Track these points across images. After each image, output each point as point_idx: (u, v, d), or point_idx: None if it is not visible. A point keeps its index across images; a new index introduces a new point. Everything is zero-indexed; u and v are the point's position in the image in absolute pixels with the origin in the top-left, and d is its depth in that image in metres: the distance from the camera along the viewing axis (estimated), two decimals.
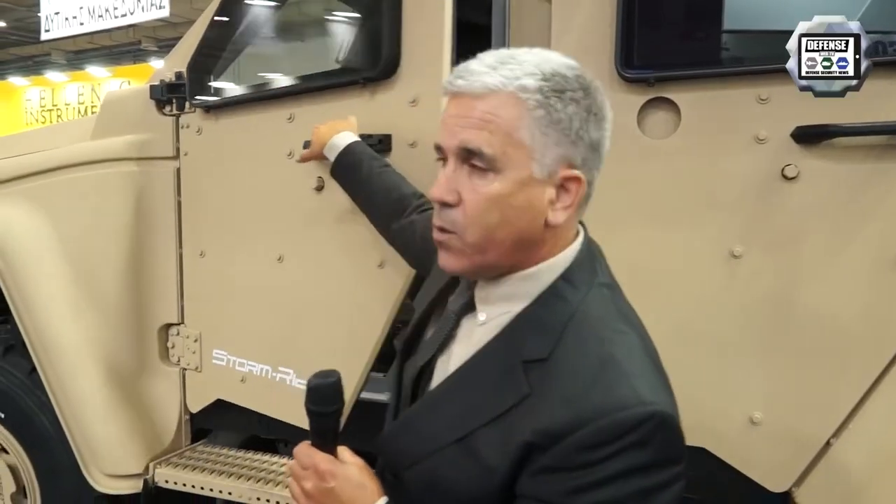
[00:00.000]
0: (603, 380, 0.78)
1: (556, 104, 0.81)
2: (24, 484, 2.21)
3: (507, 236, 0.83)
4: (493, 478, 0.81)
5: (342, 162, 1.55)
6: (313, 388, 0.87)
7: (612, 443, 0.75)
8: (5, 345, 2.21)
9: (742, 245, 1.55)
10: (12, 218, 2.06)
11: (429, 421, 0.90)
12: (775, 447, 1.57)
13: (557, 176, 0.83)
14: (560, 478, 0.76)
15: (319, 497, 0.86)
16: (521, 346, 0.84)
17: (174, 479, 2.01)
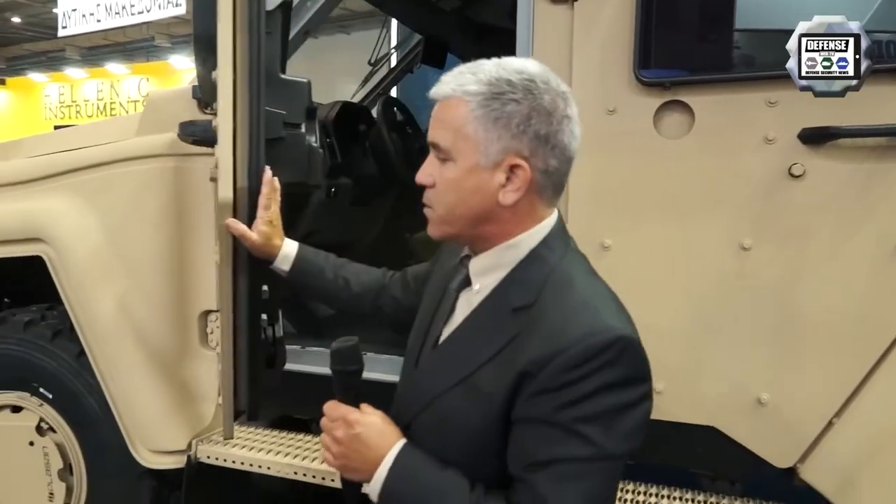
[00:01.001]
0: (578, 317, 0.95)
1: (493, 105, 0.98)
2: (71, 461, 2.32)
3: (464, 212, 1.02)
4: (493, 406, 0.97)
5: (302, 269, 1.52)
6: (336, 350, 1.03)
7: (588, 363, 0.91)
8: (53, 330, 2.31)
9: (751, 238, 1.66)
10: (63, 210, 2.17)
11: (436, 370, 1.08)
12: (781, 426, 1.68)
13: (505, 164, 0.99)
14: (548, 398, 0.92)
15: (348, 442, 1.00)
16: (510, 298, 1.01)
17: (216, 456, 2.13)
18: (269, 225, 1.50)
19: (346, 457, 1.02)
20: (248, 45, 1.47)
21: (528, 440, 0.95)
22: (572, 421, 0.91)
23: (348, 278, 1.49)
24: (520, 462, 0.95)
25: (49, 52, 17.46)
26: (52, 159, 2.29)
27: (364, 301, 1.49)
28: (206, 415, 2.24)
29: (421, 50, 3.39)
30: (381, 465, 1.00)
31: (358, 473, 1.02)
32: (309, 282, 1.51)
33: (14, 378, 2.34)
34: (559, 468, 0.92)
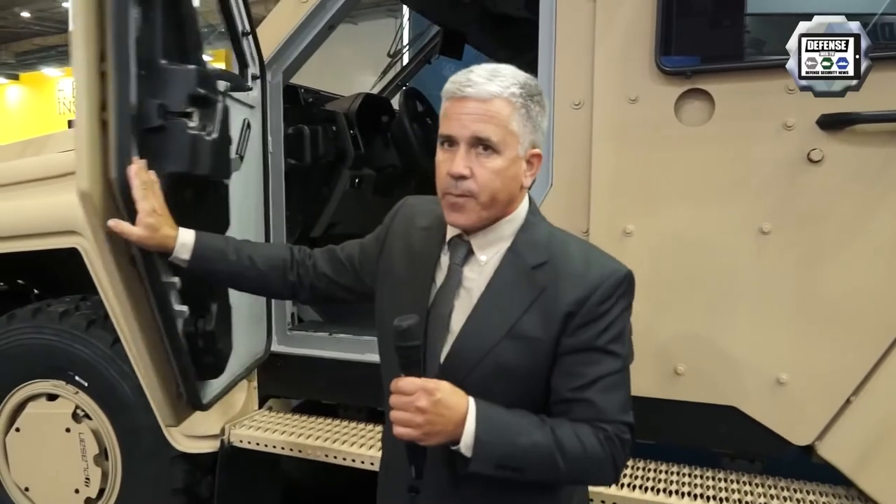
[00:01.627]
0: (592, 262, 1.17)
1: (530, 104, 1.14)
2: (106, 447, 2.39)
3: (504, 196, 1.16)
4: (542, 347, 1.14)
5: (202, 255, 1.47)
6: (406, 328, 1.09)
7: (614, 294, 1.14)
8: (88, 319, 2.37)
9: (770, 222, 1.70)
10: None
11: (479, 329, 1.18)
12: (800, 405, 1.73)
13: (528, 154, 1.17)
14: (590, 328, 1.13)
15: (432, 409, 1.07)
16: (525, 260, 1.18)
17: (248, 440, 2.21)
18: (154, 215, 1.45)
19: (430, 423, 1.07)
20: (114, 33, 1.44)
21: (577, 366, 1.13)
22: (607, 342, 1.13)
23: (253, 257, 1.47)
24: (570, 384, 1.13)
25: (58, 46, 17.49)
26: None
27: (272, 278, 1.47)
28: (237, 400, 2.31)
29: (439, 41, 3.43)
30: (467, 421, 1.09)
31: (441, 437, 1.09)
32: (212, 267, 1.47)
33: (50, 367, 2.40)
34: (605, 381, 1.12)
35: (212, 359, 1.84)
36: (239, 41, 1.99)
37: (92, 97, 1.47)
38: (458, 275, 1.22)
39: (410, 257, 1.30)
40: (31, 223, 2.31)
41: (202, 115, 1.59)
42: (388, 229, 1.38)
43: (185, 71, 1.54)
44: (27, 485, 2.50)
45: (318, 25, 2.19)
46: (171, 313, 1.67)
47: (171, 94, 1.52)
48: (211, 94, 1.61)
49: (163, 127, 1.50)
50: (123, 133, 1.45)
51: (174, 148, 1.51)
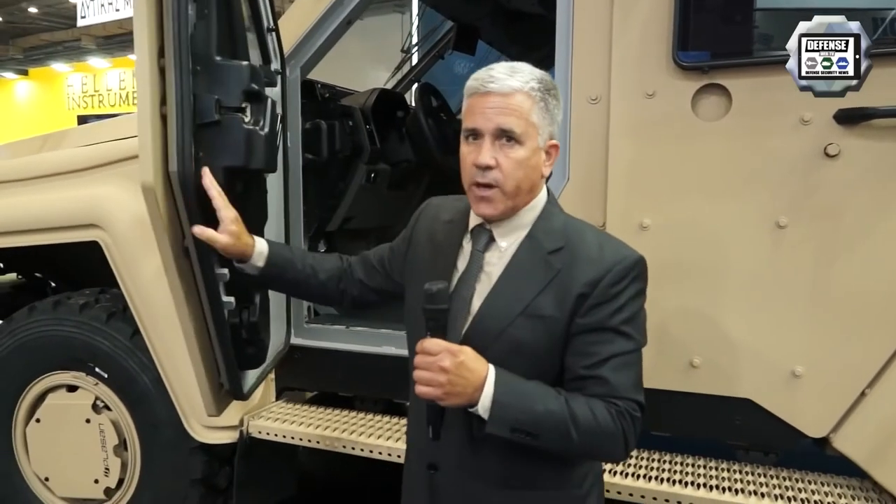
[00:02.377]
0: (606, 247, 1.23)
1: (548, 98, 1.22)
2: (126, 438, 2.43)
3: (527, 185, 1.24)
4: (558, 325, 1.20)
5: (276, 262, 1.52)
6: (435, 291, 1.16)
7: (626, 277, 1.19)
8: (108, 312, 2.40)
9: (787, 216, 1.72)
10: (118, 197, 2.25)
11: (497, 309, 1.24)
12: (815, 397, 1.75)
13: (547, 144, 1.25)
14: (602, 308, 1.19)
15: (455, 369, 1.13)
16: (542, 245, 1.24)
17: (266, 430, 2.23)
18: (237, 223, 1.50)
19: (452, 384, 1.13)
20: (173, 30, 1.48)
21: (589, 345, 1.19)
22: (620, 323, 1.18)
23: (315, 266, 1.54)
24: (584, 362, 1.19)
25: (65, 41, 17.53)
26: (107, 147, 2.37)
27: (329, 287, 1.55)
28: (255, 392, 2.33)
29: (453, 37, 3.44)
30: (487, 384, 1.15)
31: (461, 398, 1.15)
32: (282, 274, 1.53)
33: (70, 358, 2.44)
34: (617, 360, 1.18)
35: (254, 349, 1.89)
36: (264, 36, 2.01)
37: (154, 92, 1.52)
38: (480, 260, 1.28)
39: (435, 249, 1.36)
40: (53, 217, 2.35)
41: (254, 110, 1.62)
42: (414, 228, 1.45)
43: (238, 67, 1.58)
44: (47, 475, 2.53)
45: (336, 21, 2.21)
46: (219, 304, 1.71)
47: (226, 89, 1.56)
48: (261, 89, 1.64)
49: (219, 122, 1.53)
50: (183, 127, 1.50)
51: (231, 142, 1.55)
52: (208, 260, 1.65)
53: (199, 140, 1.54)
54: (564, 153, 1.90)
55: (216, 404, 1.95)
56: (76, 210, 2.30)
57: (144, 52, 1.52)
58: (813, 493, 1.76)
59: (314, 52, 2.27)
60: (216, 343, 1.79)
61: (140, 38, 1.52)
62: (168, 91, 1.52)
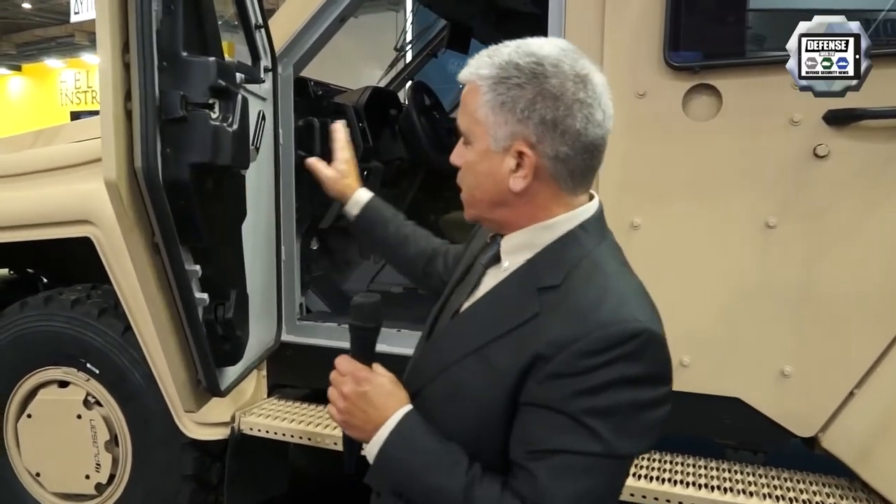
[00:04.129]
0: (605, 303, 0.90)
1: (499, 89, 0.93)
2: (117, 433, 2.43)
3: (481, 195, 1.01)
4: (504, 381, 0.92)
5: (369, 216, 1.51)
6: (358, 305, 1.01)
7: (608, 351, 0.85)
8: (99, 308, 2.40)
9: (776, 216, 1.73)
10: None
11: (452, 337, 1.04)
12: (804, 397, 1.76)
13: (513, 149, 0.94)
14: (562, 383, 0.86)
15: (354, 399, 0.98)
16: (538, 276, 0.96)
17: (258, 427, 2.24)
18: (348, 164, 1.54)
19: (349, 413, 0.99)
20: (137, 25, 1.47)
21: (534, 425, 0.89)
22: (583, 412, 0.85)
23: (409, 237, 1.49)
24: (522, 447, 0.90)
25: (58, 37, 17.46)
26: (98, 143, 2.36)
27: (417, 264, 1.48)
28: (247, 389, 2.34)
29: (446, 35, 3.45)
30: (383, 428, 0.97)
31: (358, 432, 1.00)
32: (372, 229, 1.51)
33: (62, 354, 2.44)
34: (562, 460, 0.87)
35: (230, 346, 1.87)
36: (252, 34, 2.01)
37: (117, 88, 1.50)
38: (479, 275, 1.07)
39: (468, 259, 1.19)
40: (45, 212, 2.34)
41: (223, 106, 1.61)
42: (476, 231, 1.26)
43: (206, 63, 1.56)
44: (38, 470, 2.53)
45: (330, 18, 2.20)
46: (191, 301, 1.69)
47: (192, 85, 1.55)
48: (231, 86, 1.63)
49: (185, 118, 1.52)
50: (148, 123, 1.48)
51: (197, 138, 1.53)
52: (179, 256, 1.64)
53: (165, 136, 1.54)
54: None
55: (194, 400, 1.94)
56: (68, 206, 2.30)
57: (107, 47, 1.49)
58: (801, 493, 1.78)
59: (307, 50, 2.27)
60: (191, 340, 1.78)
61: (103, 33, 1.49)
62: (133, 87, 1.50)
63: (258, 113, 1.98)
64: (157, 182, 1.50)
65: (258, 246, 2.17)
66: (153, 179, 1.49)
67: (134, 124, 1.50)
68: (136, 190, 1.56)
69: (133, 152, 1.51)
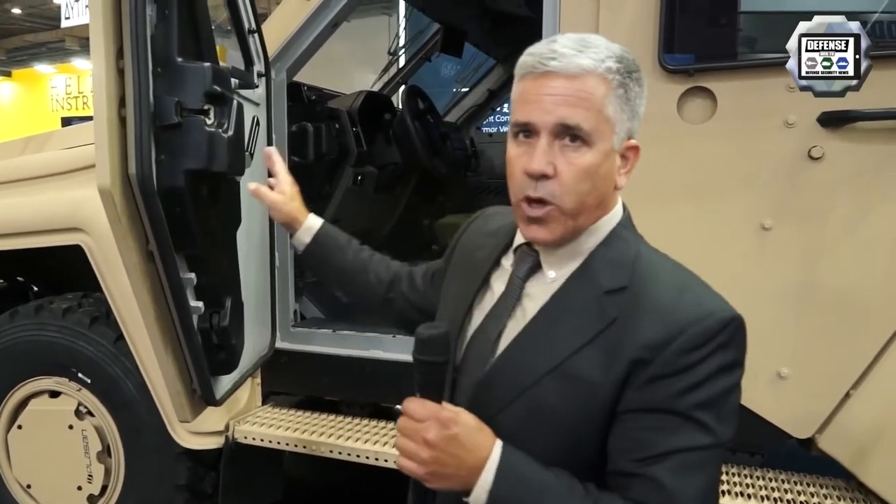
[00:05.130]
0: (686, 296, 0.90)
1: (629, 84, 0.92)
2: (109, 444, 2.40)
3: (593, 201, 0.93)
4: (597, 396, 0.89)
5: (323, 243, 1.41)
6: (427, 338, 0.89)
7: (706, 345, 0.86)
8: (91, 316, 2.37)
9: (772, 219, 1.73)
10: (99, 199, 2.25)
11: (521, 359, 0.95)
12: (800, 398, 1.76)
13: (624, 146, 0.94)
14: (666, 384, 0.86)
15: (444, 445, 0.86)
16: (599, 281, 0.93)
17: (252, 436, 2.22)
18: (292, 187, 1.42)
19: (438, 462, 0.86)
20: (131, 31, 1.45)
21: (643, 431, 0.87)
22: (692, 407, 0.85)
23: (368, 263, 1.39)
24: (633, 455, 0.87)
25: (49, 42, 17.39)
26: (91, 150, 2.33)
27: (377, 291, 1.37)
28: (241, 397, 2.32)
29: (440, 39, 3.45)
30: (486, 470, 0.87)
31: (450, 481, 0.88)
32: (327, 258, 1.40)
33: (53, 364, 2.41)
34: (681, 458, 0.85)
35: (225, 354, 1.86)
36: (245, 39, 2.00)
37: (111, 94, 1.49)
38: (518, 290, 1.00)
39: (470, 265, 1.11)
40: (35, 220, 2.32)
41: (218, 112, 1.60)
42: (459, 239, 1.21)
43: (200, 68, 1.55)
44: (29, 482, 2.50)
45: (322, 23, 2.20)
46: (186, 309, 1.68)
47: (187, 91, 1.53)
48: (226, 91, 1.62)
49: (180, 124, 1.50)
50: (143, 129, 1.47)
51: (192, 145, 1.52)
52: (174, 264, 1.62)
53: (160, 142, 1.52)
54: None
55: (189, 410, 1.92)
56: (59, 214, 2.28)
57: (101, 53, 1.48)
58: (799, 494, 1.77)
59: (300, 55, 2.26)
60: (186, 348, 1.76)
61: (97, 39, 1.47)
62: (127, 93, 1.49)
63: (252, 118, 1.97)
64: (152, 189, 1.49)
65: (252, 252, 2.15)
66: (147, 186, 1.48)
67: (128, 130, 1.49)
68: (131, 197, 1.54)
69: (127, 159, 1.50)
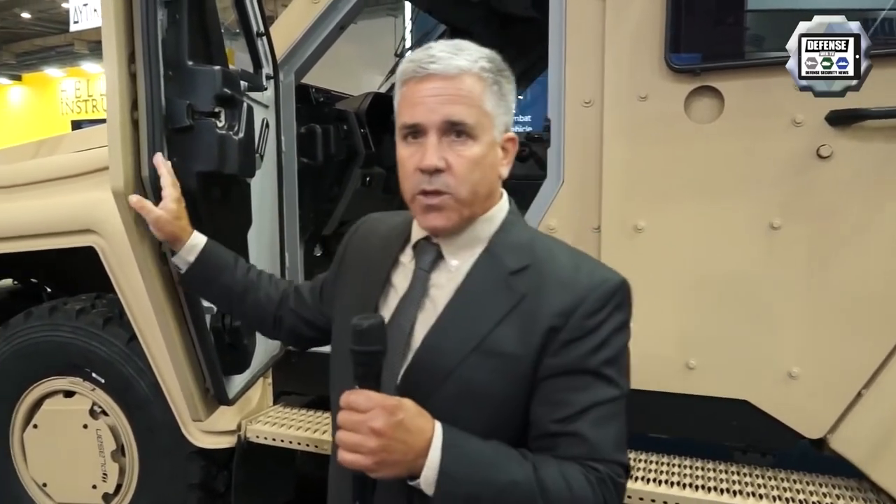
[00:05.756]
0: (581, 269, 1.01)
1: (501, 80, 1.01)
2: (123, 442, 2.42)
3: (483, 189, 1.02)
4: (519, 368, 0.97)
5: (209, 262, 1.40)
6: (365, 328, 0.90)
7: (605, 307, 0.97)
8: (104, 317, 2.40)
9: (781, 218, 1.73)
10: (113, 202, 2.26)
11: (443, 343, 1.00)
12: (812, 398, 1.76)
13: (504, 138, 1.04)
14: (576, 346, 0.96)
15: (391, 432, 0.87)
16: (503, 263, 1.02)
17: (264, 435, 2.24)
18: (178, 203, 1.41)
19: (387, 450, 0.87)
20: (143, 35, 1.47)
21: (560, 393, 0.96)
22: (600, 364, 0.96)
23: (255, 281, 1.38)
24: (554, 415, 0.95)
25: (58, 46, 17.55)
26: (103, 152, 2.35)
27: (266, 309, 1.36)
28: (253, 397, 2.34)
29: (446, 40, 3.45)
30: (432, 449, 0.89)
31: (398, 468, 0.89)
32: (214, 277, 1.38)
33: (67, 364, 2.43)
34: (596, 412, 0.95)
35: (238, 354, 1.87)
36: (253, 41, 2.02)
37: (123, 97, 1.51)
38: (425, 282, 1.05)
39: (367, 268, 1.14)
40: (49, 222, 2.34)
41: (228, 115, 1.61)
42: (346, 247, 1.23)
43: (211, 72, 1.57)
44: (45, 480, 2.53)
45: (330, 26, 2.22)
46: (199, 309, 1.70)
47: (198, 94, 1.55)
48: (237, 94, 1.63)
49: (191, 127, 1.52)
50: (154, 132, 1.48)
51: (203, 147, 1.54)
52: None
53: (172, 145, 1.54)
54: (559, 156, 1.92)
55: (203, 409, 1.94)
56: (72, 215, 2.30)
57: (114, 57, 1.50)
58: (811, 494, 1.77)
59: (308, 57, 2.28)
60: (199, 348, 1.78)
61: (109, 44, 1.49)
62: (139, 96, 1.51)
63: (262, 121, 1.98)
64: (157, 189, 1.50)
65: (262, 253, 2.17)
66: (158, 187, 1.50)
67: (141, 134, 1.51)
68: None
69: (140, 161, 1.52)
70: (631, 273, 1.04)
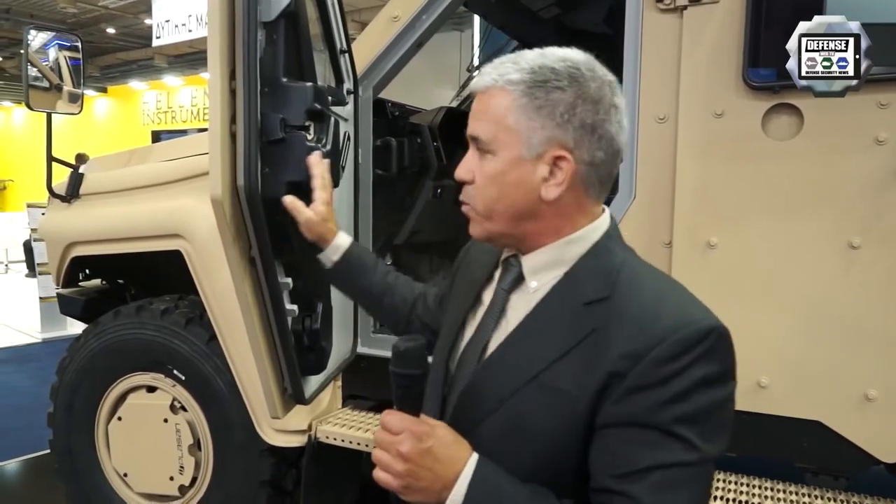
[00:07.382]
0: (665, 306, 0.88)
1: (537, 93, 0.91)
2: (200, 438, 2.54)
3: (505, 208, 0.95)
4: (575, 408, 0.87)
5: (351, 262, 1.43)
6: (403, 351, 0.90)
7: (686, 354, 0.82)
8: (186, 317, 2.53)
9: (860, 237, 1.70)
10: (199, 209, 2.35)
11: (499, 370, 0.95)
12: (888, 421, 1.71)
13: (548, 155, 0.92)
14: (644, 396, 0.83)
15: (417, 458, 0.86)
16: (581, 291, 0.92)
17: (333, 436, 2.31)
18: (328, 206, 1.45)
19: (412, 475, 0.86)
20: (244, 55, 1.56)
21: (623, 445, 0.84)
22: (672, 421, 0.82)
23: (393, 285, 1.41)
24: (611, 471, 0.84)
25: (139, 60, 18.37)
26: (189, 162, 2.50)
27: (401, 313, 1.40)
28: (324, 398, 2.41)
29: None
30: (458, 483, 0.86)
31: (424, 494, 0.87)
32: (354, 277, 1.42)
33: (151, 361, 2.58)
34: (661, 475, 0.82)
35: (315, 356, 1.94)
36: (337, 58, 2.11)
37: (224, 112, 1.61)
38: (503, 301, 1.01)
39: (469, 282, 1.13)
40: (140, 226, 2.49)
41: (317, 128, 1.70)
42: (462, 259, 1.23)
43: (303, 88, 1.65)
44: (126, 471, 2.67)
45: (408, 43, 2.29)
46: (282, 311, 1.77)
47: (291, 109, 1.63)
48: (325, 109, 1.72)
49: (284, 139, 1.61)
50: (251, 144, 1.57)
51: (294, 159, 1.62)
52: (273, 269, 1.72)
53: (265, 156, 1.61)
54: (631, 171, 1.93)
55: (280, 407, 2.02)
56: (162, 221, 2.44)
57: (217, 75, 1.60)
58: None
59: (386, 73, 2.35)
60: (280, 349, 1.86)
61: (213, 63, 1.59)
62: (238, 111, 1.60)
63: (344, 134, 2.07)
64: (257, 199, 1.59)
65: None
66: (253, 196, 1.58)
67: (238, 145, 1.59)
68: (238, 206, 1.65)
69: (236, 171, 1.61)
70: (702, 288, 0.97)
